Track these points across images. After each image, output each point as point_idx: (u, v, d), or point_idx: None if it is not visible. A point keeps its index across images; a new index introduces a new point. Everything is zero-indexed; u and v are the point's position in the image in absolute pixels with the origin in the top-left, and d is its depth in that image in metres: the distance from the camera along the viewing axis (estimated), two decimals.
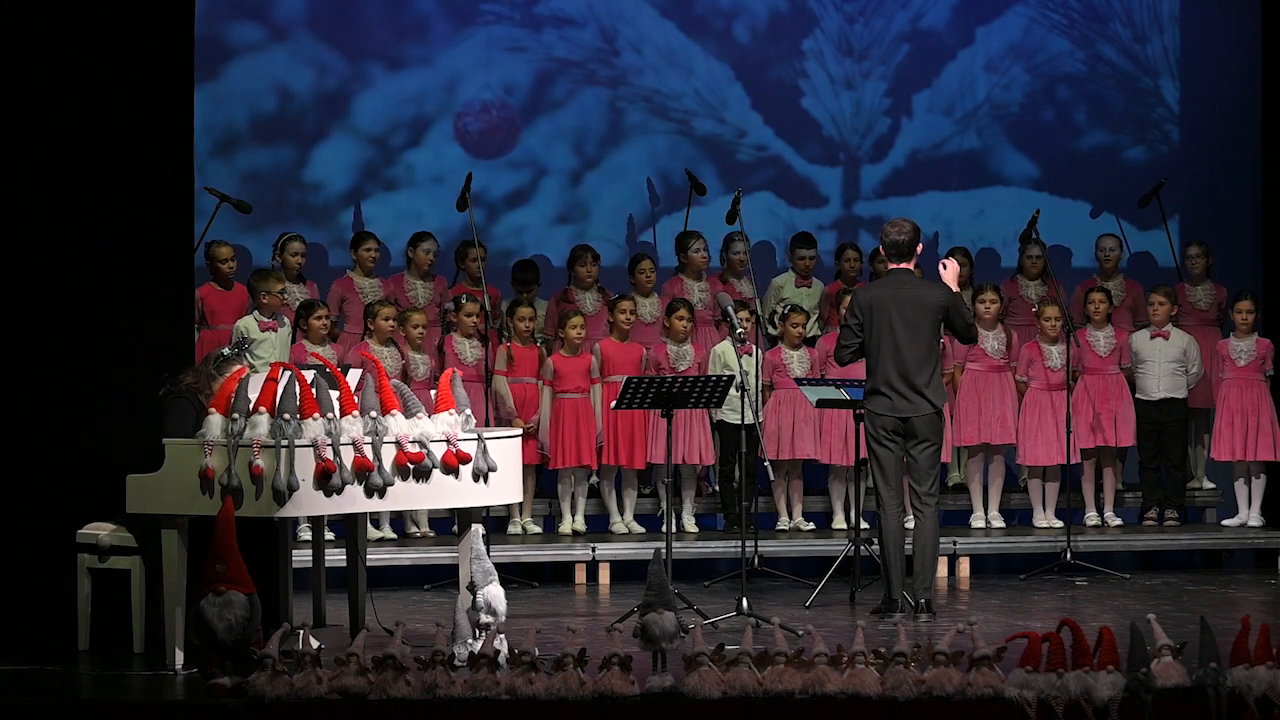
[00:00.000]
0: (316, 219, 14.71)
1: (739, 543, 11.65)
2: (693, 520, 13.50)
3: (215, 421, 9.29)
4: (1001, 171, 15.50)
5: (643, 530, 13.42)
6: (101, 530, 9.89)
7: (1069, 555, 12.92)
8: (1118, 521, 13.84)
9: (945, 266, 11.17)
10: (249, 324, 12.88)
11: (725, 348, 13.30)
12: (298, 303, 13.16)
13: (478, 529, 9.97)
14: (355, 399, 9.47)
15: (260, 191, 14.48)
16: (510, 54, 15.00)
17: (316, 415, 9.31)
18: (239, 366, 9.80)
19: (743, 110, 15.28)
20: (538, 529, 13.41)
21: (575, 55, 15.10)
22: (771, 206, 15.24)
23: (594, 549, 12.90)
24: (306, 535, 12.04)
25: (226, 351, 9.87)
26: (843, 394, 11.95)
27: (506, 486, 9.98)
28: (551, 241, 14.92)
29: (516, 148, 15.05)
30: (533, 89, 15.07)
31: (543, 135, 15.09)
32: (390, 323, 12.96)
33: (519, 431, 10.55)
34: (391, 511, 12.89)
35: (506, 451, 9.97)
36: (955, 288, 11.07)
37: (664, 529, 11.53)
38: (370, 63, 14.86)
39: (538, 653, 8.72)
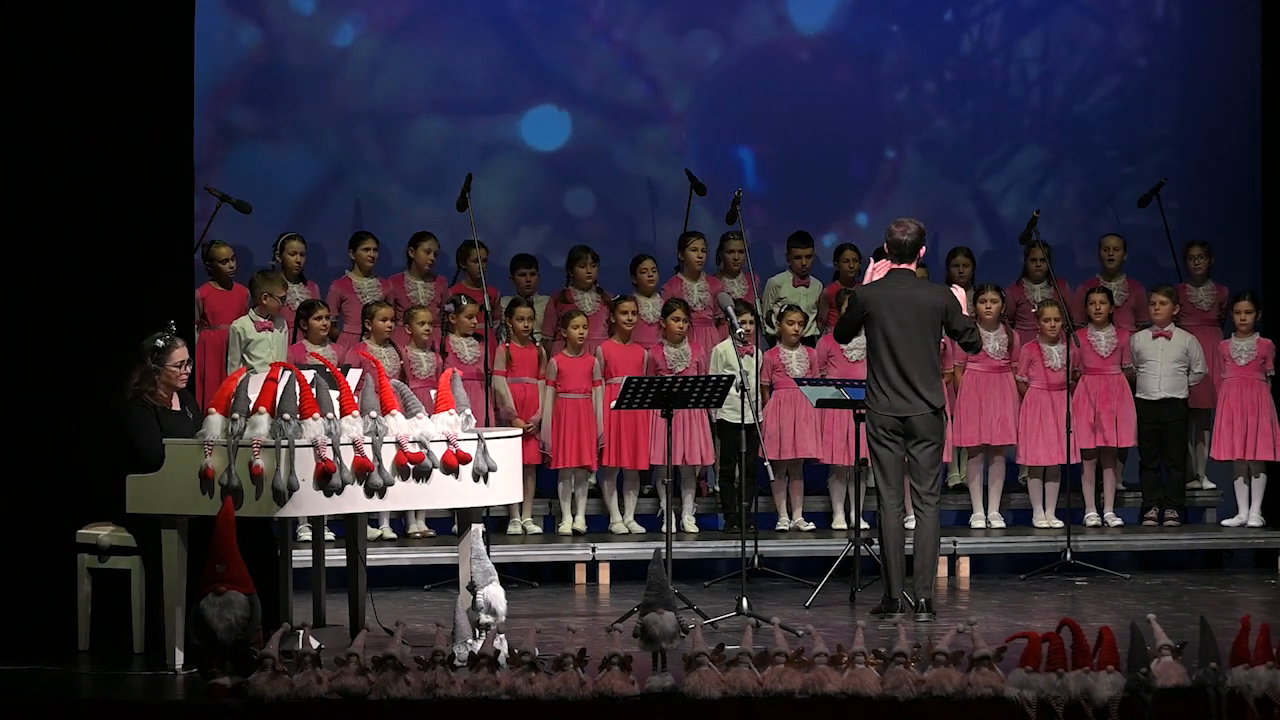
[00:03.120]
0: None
1: (739, 543, 11.65)
2: (693, 520, 13.48)
3: (215, 421, 9.28)
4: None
5: (643, 530, 13.41)
6: (101, 530, 9.88)
7: (1069, 555, 12.91)
8: (1118, 521, 13.83)
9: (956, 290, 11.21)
10: (245, 324, 12.86)
11: (726, 347, 13.29)
12: (298, 303, 13.15)
13: (478, 529, 9.97)
14: (355, 399, 9.47)
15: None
16: None
17: (316, 415, 9.30)
18: (177, 350, 9.75)
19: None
20: (538, 529, 13.40)
21: None
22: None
23: (594, 549, 12.89)
24: (306, 535, 12.03)
25: (160, 342, 9.77)
26: (843, 394, 11.94)
27: (506, 486, 9.98)
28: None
29: None
30: None
31: None
32: (387, 324, 12.95)
33: (519, 431, 10.56)
34: (391, 511, 12.89)
35: (506, 451, 9.97)
36: (965, 311, 11.09)
37: (664, 529, 11.53)
38: None
39: (538, 653, 8.72)
